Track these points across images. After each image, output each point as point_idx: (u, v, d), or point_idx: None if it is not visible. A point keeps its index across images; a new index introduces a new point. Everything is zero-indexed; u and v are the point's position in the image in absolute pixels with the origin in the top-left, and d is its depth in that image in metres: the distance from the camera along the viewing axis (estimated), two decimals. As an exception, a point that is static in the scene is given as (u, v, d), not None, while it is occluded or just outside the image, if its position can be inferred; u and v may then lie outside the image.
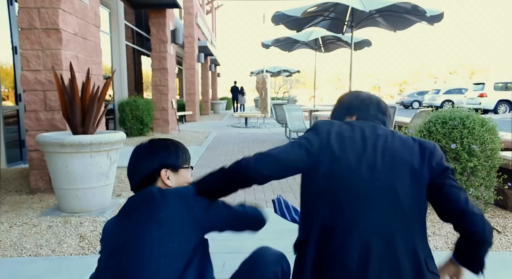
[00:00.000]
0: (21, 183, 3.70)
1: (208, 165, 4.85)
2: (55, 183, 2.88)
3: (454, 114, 2.86)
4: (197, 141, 7.30)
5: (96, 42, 4.02)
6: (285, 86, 34.24)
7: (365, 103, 1.24)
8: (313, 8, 5.09)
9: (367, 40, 7.31)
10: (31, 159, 3.40)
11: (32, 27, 3.26)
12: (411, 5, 4.61)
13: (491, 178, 2.77)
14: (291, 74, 20.30)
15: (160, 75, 8.57)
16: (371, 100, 1.25)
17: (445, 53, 65.02)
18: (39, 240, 2.37)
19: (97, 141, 2.78)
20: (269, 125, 11.29)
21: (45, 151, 2.85)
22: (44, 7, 3.24)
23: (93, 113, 3.03)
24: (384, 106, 1.27)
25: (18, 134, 4.84)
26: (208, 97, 17.93)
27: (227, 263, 2.04)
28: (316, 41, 8.43)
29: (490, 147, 2.73)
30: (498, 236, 2.44)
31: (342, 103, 1.30)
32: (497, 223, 2.65)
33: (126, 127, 7.58)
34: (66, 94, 2.95)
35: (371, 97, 1.28)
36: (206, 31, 16.75)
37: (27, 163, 3.56)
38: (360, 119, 1.21)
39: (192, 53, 12.64)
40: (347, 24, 5.85)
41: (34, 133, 3.34)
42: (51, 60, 3.29)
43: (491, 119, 2.86)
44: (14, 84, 4.81)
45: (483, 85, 15.47)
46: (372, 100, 1.25)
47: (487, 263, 1.08)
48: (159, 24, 8.42)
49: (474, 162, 2.69)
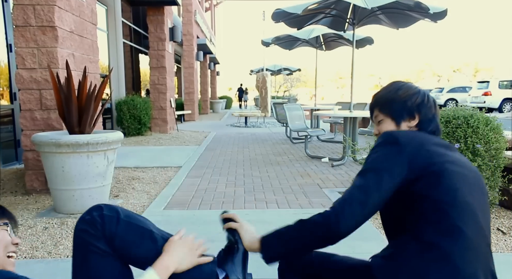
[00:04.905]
0: (16, 184, 3.64)
1: (208, 166, 4.80)
2: (51, 184, 2.83)
3: (458, 113, 2.81)
4: (196, 141, 7.25)
5: (93, 40, 3.96)
6: (285, 84, 34.24)
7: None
8: (314, 5, 5.03)
9: (369, 38, 7.25)
10: (26, 159, 3.35)
11: (27, 25, 3.20)
12: (414, 2, 4.55)
13: (495, 178, 2.73)
14: (292, 72, 20.28)
15: (158, 74, 8.51)
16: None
17: (448, 51, 65.01)
18: (35, 242, 2.32)
19: (94, 141, 2.72)
20: (269, 124, 11.24)
21: (41, 151, 2.79)
22: (40, 4, 3.18)
23: (90, 113, 2.97)
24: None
25: (13, 133, 4.78)
26: (207, 96, 17.88)
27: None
28: (317, 39, 8.36)
29: (495, 146, 2.69)
30: (503, 237, 2.39)
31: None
32: (502, 224, 2.61)
33: (123, 127, 7.52)
34: (62, 93, 2.90)
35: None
36: (205, 29, 16.68)
37: (23, 164, 3.50)
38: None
39: (191, 51, 12.56)
40: (348, 22, 5.79)
41: (29, 133, 3.28)
42: (47, 58, 3.23)
43: (495, 118, 2.82)
44: (9, 82, 4.74)
45: (488, 83, 15.39)
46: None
47: None
48: (157, 21, 8.35)
49: (478, 161, 2.64)
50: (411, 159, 0.96)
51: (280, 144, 6.97)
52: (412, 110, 1.12)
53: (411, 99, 1.13)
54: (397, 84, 1.19)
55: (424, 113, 1.12)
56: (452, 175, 0.95)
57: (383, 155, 0.99)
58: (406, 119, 1.13)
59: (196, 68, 13.68)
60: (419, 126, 1.13)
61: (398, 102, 1.14)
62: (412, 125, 1.13)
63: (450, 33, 77.63)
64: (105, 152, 2.83)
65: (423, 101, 1.13)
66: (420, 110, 1.12)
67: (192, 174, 4.26)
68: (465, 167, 1.00)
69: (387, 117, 1.16)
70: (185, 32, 12.24)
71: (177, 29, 9.05)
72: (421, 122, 1.12)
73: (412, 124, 1.13)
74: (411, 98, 1.13)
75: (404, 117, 1.13)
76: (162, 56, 8.42)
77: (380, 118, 1.18)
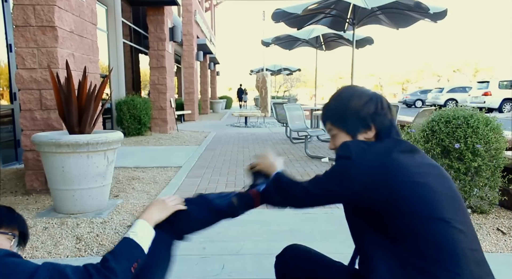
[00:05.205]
0: (16, 184, 3.64)
1: (207, 166, 4.80)
2: (51, 184, 2.83)
3: (458, 113, 2.81)
4: (196, 141, 7.25)
5: (93, 40, 3.96)
6: (285, 84, 34.24)
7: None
8: (314, 5, 5.03)
9: (369, 38, 7.25)
10: (26, 159, 3.34)
11: (27, 25, 3.20)
12: (414, 2, 4.56)
13: (495, 178, 2.73)
14: (292, 72, 20.28)
15: (158, 74, 8.51)
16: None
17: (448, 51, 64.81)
18: (35, 242, 2.32)
19: (94, 141, 2.72)
20: (269, 124, 11.24)
21: (40, 151, 2.79)
22: (40, 4, 3.18)
23: (90, 112, 2.97)
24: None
25: (13, 133, 4.78)
26: (207, 96, 17.88)
27: (226, 265, 1.99)
28: (317, 39, 8.37)
29: (495, 146, 2.69)
30: (503, 237, 2.39)
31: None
32: (502, 224, 2.61)
33: (123, 127, 7.52)
34: (62, 93, 2.89)
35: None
36: (205, 29, 16.67)
37: (23, 163, 3.50)
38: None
39: (191, 51, 12.56)
40: (348, 22, 5.80)
41: (29, 133, 3.27)
42: (47, 58, 3.23)
43: (495, 118, 2.82)
44: (9, 82, 4.74)
45: (488, 83, 15.38)
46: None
47: (491, 266, 1.00)
48: (157, 21, 8.34)
49: (478, 162, 2.64)
50: (363, 174, 0.94)
51: (280, 144, 6.97)
52: (367, 120, 1.03)
53: (363, 109, 1.03)
54: (347, 92, 1.09)
55: (380, 122, 1.03)
56: (412, 186, 0.92)
57: (335, 172, 1.01)
58: (361, 131, 1.04)
59: (196, 68, 13.68)
60: (378, 136, 1.04)
61: (351, 115, 1.04)
62: (370, 136, 1.05)
63: (450, 33, 77.57)
64: (105, 152, 2.83)
65: (377, 109, 1.04)
66: (375, 120, 1.03)
67: (192, 174, 4.26)
68: (430, 174, 0.96)
69: (341, 131, 1.07)
70: (185, 32, 12.23)
71: (177, 29, 9.05)
72: (379, 131, 1.04)
73: (370, 135, 1.04)
74: (363, 108, 1.03)
75: (359, 130, 1.04)
76: (162, 56, 8.42)
77: (334, 132, 1.09)
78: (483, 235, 2.43)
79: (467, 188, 2.72)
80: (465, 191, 2.74)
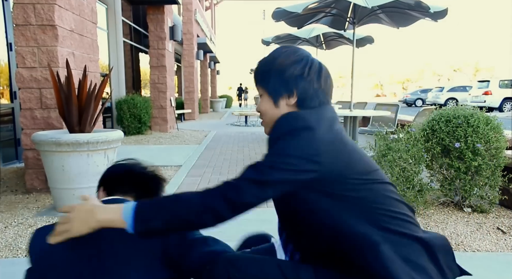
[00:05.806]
0: (17, 183, 3.64)
1: (208, 165, 4.80)
2: (51, 183, 2.83)
3: (458, 112, 2.82)
4: (196, 140, 7.25)
5: (93, 38, 3.96)
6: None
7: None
8: (314, 4, 5.02)
9: (370, 37, 7.24)
10: (26, 158, 3.34)
11: (27, 23, 3.19)
12: (414, 1, 4.55)
13: (496, 178, 2.73)
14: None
15: (158, 73, 8.51)
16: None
17: (449, 50, 64.92)
18: (35, 241, 2.32)
19: (94, 140, 2.72)
20: (269, 123, 11.22)
21: (41, 150, 2.79)
22: (40, 3, 3.17)
23: (90, 111, 2.97)
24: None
25: (13, 132, 4.78)
26: (207, 95, 17.87)
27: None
28: (318, 38, 8.36)
29: (495, 146, 2.69)
30: (503, 236, 2.39)
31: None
32: (502, 224, 2.61)
33: (123, 126, 7.52)
34: (63, 92, 2.89)
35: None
36: (205, 27, 16.66)
37: (23, 162, 3.50)
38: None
39: (191, 50, 12.55)
40: (349, 21, 5.79)
41: (29, 132, 3.28)
42: (47, 57, 3.23)
43: (496, 118, 2.82)
44: (9, 81, 4.74)
45: (488, 82, 15.35)
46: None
47: (491, 265, 1.01)
48: (157, 20, 8.33)
49: (478, 161, 2.64)
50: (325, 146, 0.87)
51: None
52: (289, 84, 0.90)
53: (288, 69, 0.90)
54: (280, 50, 0.95)
55: (303, 88, 0.89)
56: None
57: (299, 145, 0.83)
58: (283, 95, 0.91)
59: (196, 67, 13.67)
60: (299, 105, 0.90)
61: (274, 73, 0.91)
62: (291, 103, 0.91)
63: (450, 32, 77.53)
64: (105, 151, 2.83)
65: (303, 72, 0.89)
66: (298, 85, 0.89)
67: (192, 173, 4.26)
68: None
69: (264, 92, 0.94)
70: (185, 31, 12.22)
71: (177, 28, 9.04)
72: (300, 100, 0.90)
73: (291, 102, 0.91)
74: (289, 69, 0.90)
75: (281, 94, 0.91)
76: (162, 55, 8.42)
77: (260, 92, 0.96)
78: (483, 234, 2.43)
79: (467, 187, 2.72)
80: (465, 190, 2.75)
